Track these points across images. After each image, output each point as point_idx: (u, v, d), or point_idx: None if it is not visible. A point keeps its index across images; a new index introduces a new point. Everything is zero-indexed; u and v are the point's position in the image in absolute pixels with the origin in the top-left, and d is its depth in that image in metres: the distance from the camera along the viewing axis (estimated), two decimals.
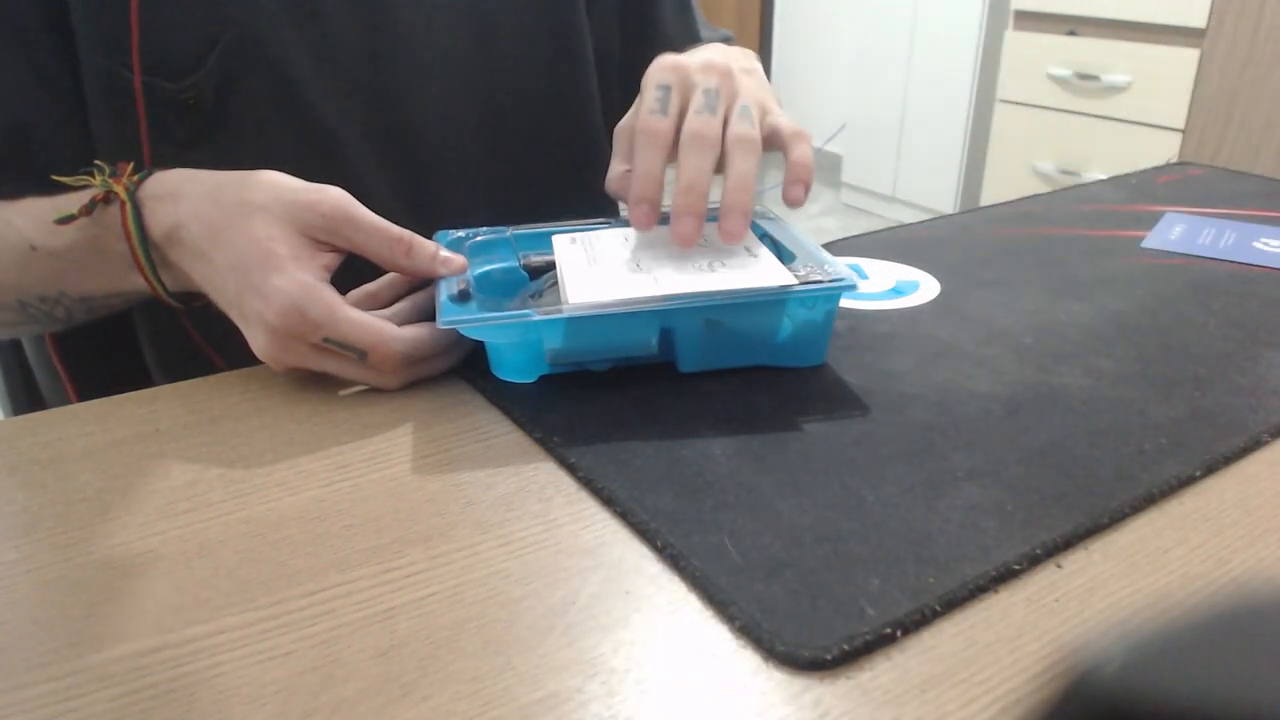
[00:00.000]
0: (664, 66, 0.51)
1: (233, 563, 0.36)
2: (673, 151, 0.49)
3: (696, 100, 0.49)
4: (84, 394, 0.64)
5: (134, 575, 0.35)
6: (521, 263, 0.54)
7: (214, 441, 0.44)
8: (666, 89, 0.49)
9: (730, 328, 0.48)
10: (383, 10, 0.61)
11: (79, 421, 0.46)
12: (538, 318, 0.44)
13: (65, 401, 0.66)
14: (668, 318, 0.47)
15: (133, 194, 0.49)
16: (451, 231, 0.55)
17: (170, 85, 0.55)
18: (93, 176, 0.49)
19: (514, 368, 0.48)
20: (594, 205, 0.74)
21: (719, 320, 0.48)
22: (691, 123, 0.48)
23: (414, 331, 0.47)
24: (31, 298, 0.54)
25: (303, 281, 0.45)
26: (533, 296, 0.51)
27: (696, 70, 0.50)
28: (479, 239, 0.55)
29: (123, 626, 0.33)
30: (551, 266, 0.53)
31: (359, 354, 0.46)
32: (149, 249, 0.49)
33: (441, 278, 0.49)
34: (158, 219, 0.48)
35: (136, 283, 0.51)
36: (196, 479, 0.41)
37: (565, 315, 0.45)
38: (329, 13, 0.59)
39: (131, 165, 0.50)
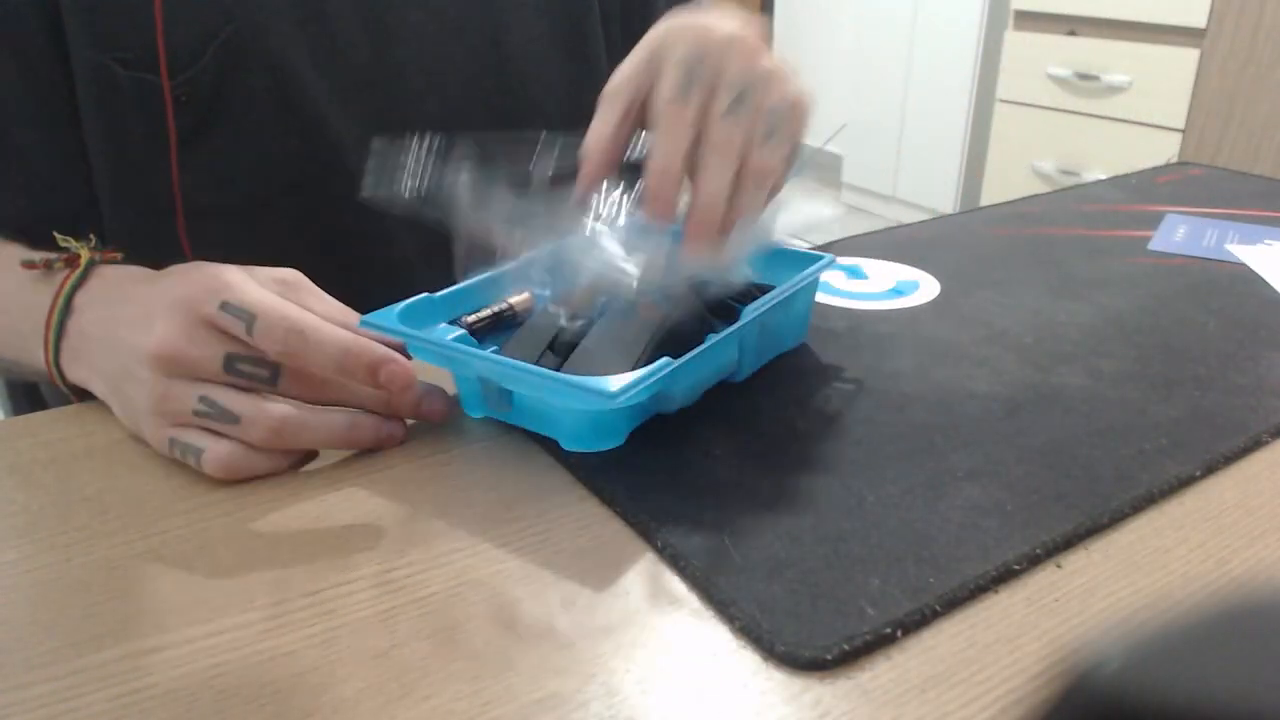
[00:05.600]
0: (684, 37, 0.44)
1: (233, 563, 0.36)
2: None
3: (723, 100, 0.42)
4: (84, 394, 0.64)
5: (134, 575, 0.35)
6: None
7: None
8: (690, 72, 0.43)
9: (770, 326, 0.49)
10: (389, 12, 0.61)
11: (79, 421, 0.46)
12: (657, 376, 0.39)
13: (65, 401, 0.66)
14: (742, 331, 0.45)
15: (86, 268, 0.45)
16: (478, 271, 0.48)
17: (160, 81, 0.55)
18: (76, 239, 0.47)
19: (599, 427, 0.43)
20: None
21: (767, 320, 0.47)
22: (721, 131, 0.42)
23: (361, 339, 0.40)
24: None
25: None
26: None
27: (722, 52, 0.43)
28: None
29: (123, 626, 0.33)
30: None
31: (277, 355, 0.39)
32: (61, 329, 0.45)
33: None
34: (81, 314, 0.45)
35: (37, 356, 0.46)
36: (196, 479, 0.41)
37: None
38: (332, 13, 0.59)
39: (121, 254, 0.47)
